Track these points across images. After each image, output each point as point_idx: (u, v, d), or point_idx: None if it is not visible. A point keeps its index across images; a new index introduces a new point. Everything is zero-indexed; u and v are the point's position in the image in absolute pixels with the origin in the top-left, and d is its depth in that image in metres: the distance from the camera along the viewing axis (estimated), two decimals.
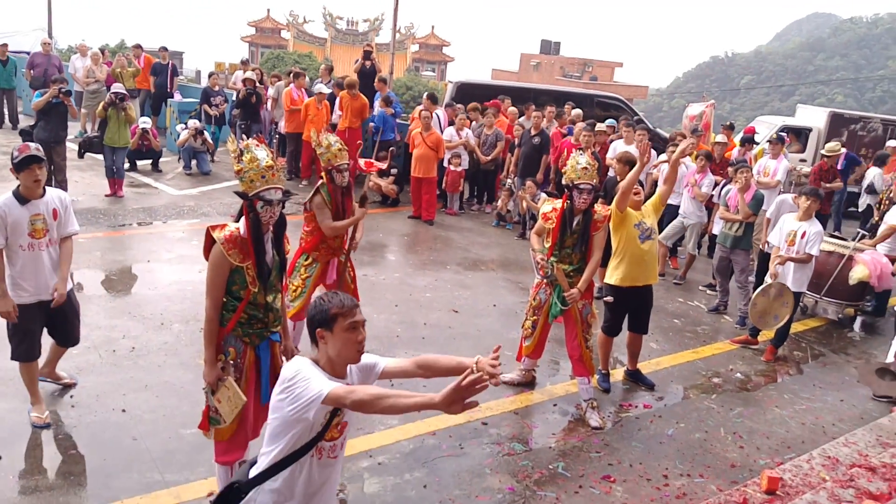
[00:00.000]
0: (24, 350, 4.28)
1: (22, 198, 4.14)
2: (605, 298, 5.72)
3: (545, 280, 5.20)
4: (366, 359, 2.68)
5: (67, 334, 4.60)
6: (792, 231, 6.34)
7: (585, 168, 4.94)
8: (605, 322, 5.69)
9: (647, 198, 6.45)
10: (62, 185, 9.08)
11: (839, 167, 10.57)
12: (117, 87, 10.03)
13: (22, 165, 4.08)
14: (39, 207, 4.18)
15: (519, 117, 11.52)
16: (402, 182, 11.22)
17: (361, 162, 5.91)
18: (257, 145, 3.51)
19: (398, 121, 12.00)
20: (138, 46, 14.68)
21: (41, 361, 4.54)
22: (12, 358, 4.32)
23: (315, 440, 2.51)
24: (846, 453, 4.14)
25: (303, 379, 2.38)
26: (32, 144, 4.22)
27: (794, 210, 6.75)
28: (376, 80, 12.52)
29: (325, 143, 5.16)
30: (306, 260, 5.36)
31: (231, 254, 3.36)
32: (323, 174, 5.25)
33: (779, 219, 6.77)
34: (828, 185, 9.65)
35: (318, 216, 5.14)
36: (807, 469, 3.94)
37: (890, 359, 5.24)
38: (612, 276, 5.54)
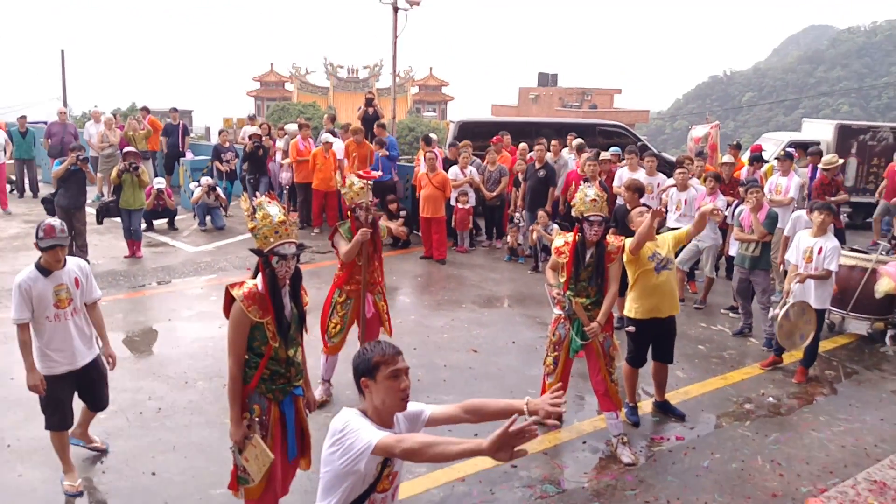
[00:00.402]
0: (57, 420, 4.32)
1: (44, 270, 4.22)
2: (626, 328, 5.65)
3: (563, 315, 5.14)
4: (412, 407, 2.68)
5: (97, 399, 4.64)
6: (808, 248, 6.26)
7: (594, 200, 4.91)
8: (628, 353, 5.60)
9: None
10: (83, 249, 9.25)
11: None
12: (128, 150, 10.23)
13: (47, 249, 4.17)
14: (62, 278, 4.27)
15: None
16: (412, 223, 11.27)
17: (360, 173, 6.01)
18: (269, 202, 3.54)
19: (399, 162, 12.14)
20: (144, 109, 14.98)
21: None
22: (46, 427, 4.35)
23: (368, 492, 2.51)
24: (893, 476, 4.01)
25: (352, 430, 2.38)
26: (57, 225, 4.24)
27: (810, 226, 6.68)
28: (374, 125, 12.66)
29: (349, 182, 5.48)
30: (340, 297, 5.58)
31: (251, 310, 3.38)
32: (349, 213, 5.52)
33: (795, 236, 6.69)
34: (832, 198, 9.24)
35: (339, 250, 5.37)
36: (853, 495, 3.82)
37: None
38: (632, 308, 5.46)
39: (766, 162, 11.21)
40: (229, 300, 3.46)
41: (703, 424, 5.54)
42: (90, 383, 4.51)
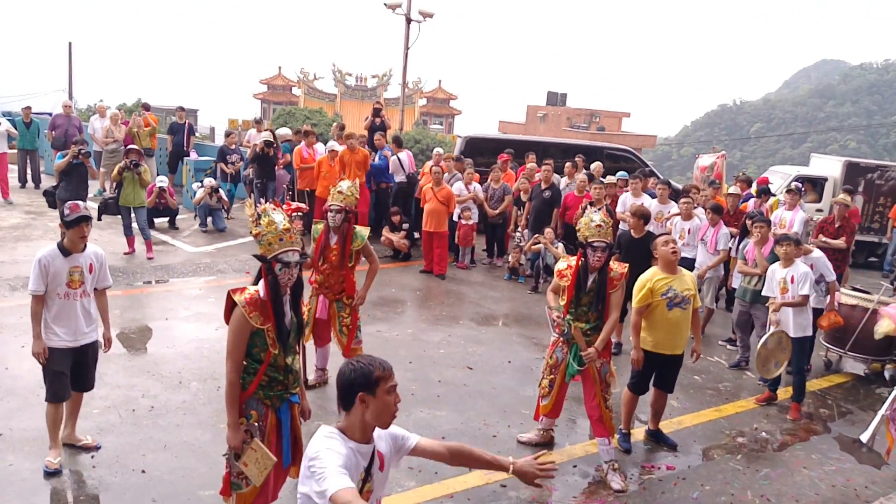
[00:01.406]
0: (55, 391, 4.59)
1: (65, 250, 4.51)
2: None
3: (561, 338, 5.12)
4: (396, 429, 2.65)
5: (86, 379, 4.83)
6: (781, 279, 6.34)
7: (599, 226, 4.90)
8: (631, 379, 5.55)
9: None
10: None
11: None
12: (131, 147, 10.29)
13: (73, 223, 4.45)
14: (79, 261, 4.56)
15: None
16: (413, 237, 11.27)
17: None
18: (274, 209, 3.55)
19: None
20: (144, 106, 15.00)
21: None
22: (46, 399, 4.60)
23: None
24: None
25: (320, 468, 2.33)
26: (82, 204, 4.59)
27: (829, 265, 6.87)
28: (376, 136, 12.69)
29: (338, 186, 5.76)
30: (310, 292, 5.80)
31: (252, 316, 3.40)
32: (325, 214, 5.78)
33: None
34: (828, 240, 8.78)
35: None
36: None
37: (866, 436, 5.03)
38: (643, 337, 5.37)
39: (773, 195, 11.18)
40: (230, 305, 3.47)
41: (695, 455, 5.51)
42: (84, 363, 4.72)
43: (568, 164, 11.41)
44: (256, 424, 3.53)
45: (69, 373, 4.63)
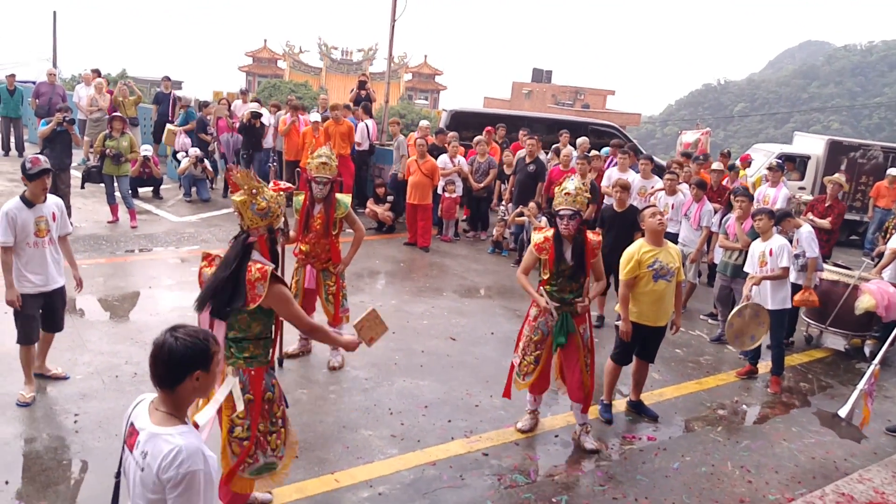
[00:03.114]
0: (26, 334, 4.93)
1: (28, 202, 4.82)
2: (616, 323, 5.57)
3: (552, 317, 4.99)
4: None
5: (56, 321, 5.20)
6: (760, 253, 6.39)
7: (569, 193, 4.79)
8: (615, 349, 5.57)
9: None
10: (67, 210, 9.11)
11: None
12: (115, 115, 10.21)
13: (35, 176, 4.78)
14: (43, 211, 4.89)
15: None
16: (398, 209, 11.22)
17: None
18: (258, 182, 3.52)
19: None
20: (95, 71, 14.62)
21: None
22: (17, 341, 4.94)
23: None
24: (861, 490, 4.05)
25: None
26: (42, 157, 4.92)
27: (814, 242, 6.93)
28: (361, 107, 12.61)
29: (315, 154, 5.70)
30: (295, 264, 5.93)
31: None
32: (307, 184, 5.73)
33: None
34: (815, 219, 8.86)
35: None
36: None
37: (844, 411, 5.11)
38: (630, 308, 5.36)
39: (738, 168, 11.25)
40: (268, 281, 3.30)
41: (676, 427, 5.57)
42: (54, 307, 5.09)
43: (563, 134, 11.30)
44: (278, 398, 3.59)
45: (39, 316, 5.00)
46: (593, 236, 4.94)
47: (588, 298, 4.93)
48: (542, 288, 4.96)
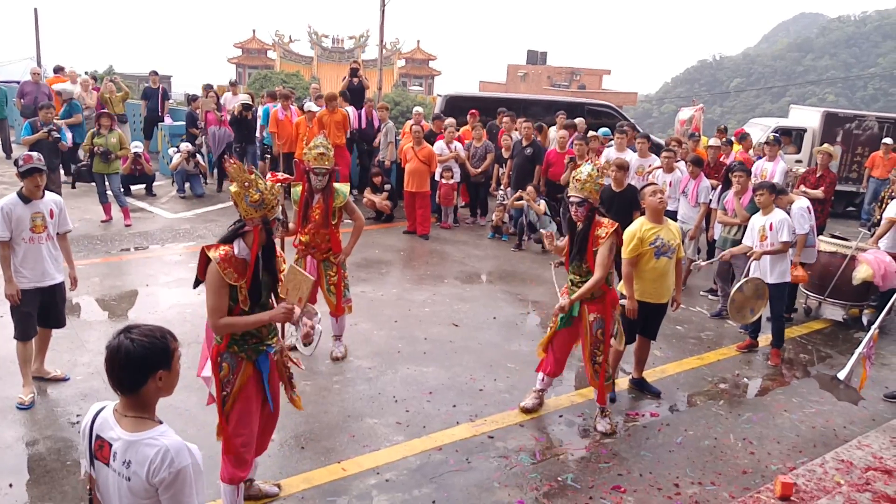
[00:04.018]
0: (23, 330, 4.96)
1: (25, 198, 4.89)
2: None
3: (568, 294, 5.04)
4: None
5: (58, 317, 5.24)
6: (760, 227, 6.40)
7: (578, 179, 4.79)
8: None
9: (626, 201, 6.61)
10: None
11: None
12: (103, 112, 10.20)
13: (26, 174, 4.85)
14: (39, 207, 4.94)
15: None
16: (396, 198, 11.22)
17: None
18: (251, 174, 3.52)
19: None
20: (55, 69, 14.51)
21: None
22: (14, 337, 4.96)
23: None
24: (860, 456, 4.09)
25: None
26: (35, 154, 5.00)
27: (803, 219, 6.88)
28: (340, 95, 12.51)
29: (312, 144, 5.63)
30: (296, 255, 5.87)
31: (227, 273, 3.38)
32: (305, 174, 5.70)
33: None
34: (808, 190, 8.90)
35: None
36: (820, 473, 3.89)
37: (843, 374, 5.14)
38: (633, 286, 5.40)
39: (732, 142, 11.19)
40: (205, 261, 3.45)
41: (679, 402, 5.60)
42: (53, 303, 5.11)
43: (560, 115, 11.28)
44: (231, 377, 3.55)
45: (36, 313, 5.01)
46: (601, 229, 4.79)
47: (571, 299, 4.84)
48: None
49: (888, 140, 12.71)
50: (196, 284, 3.56)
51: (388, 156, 11.50)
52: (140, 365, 2.10)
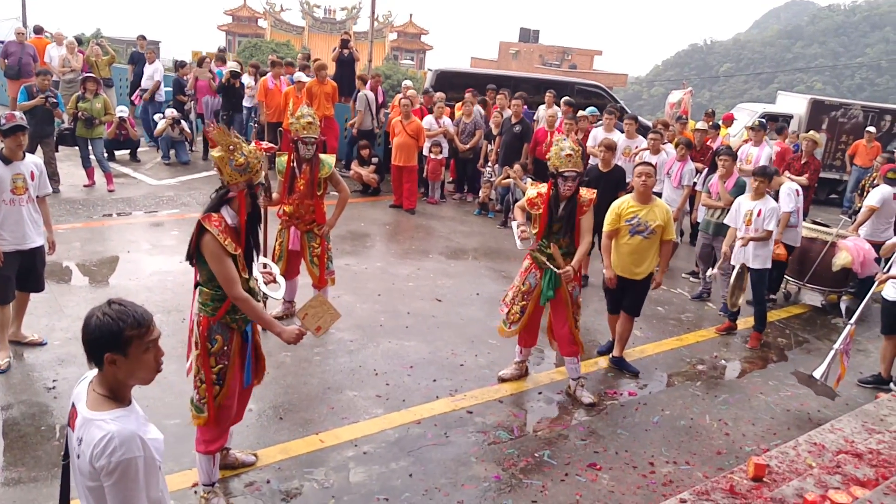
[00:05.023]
0: (1, 293, 4.88)
1: (5, 159, 4.81)
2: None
3: (535, 263, 5.12)
4: None
5: (37, 281, 5.18)
6: (748, 211, 6.43)
7: (570, 155, 4.85)
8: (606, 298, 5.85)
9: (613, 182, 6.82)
10: (52, 178, 8.97)
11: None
12: (88, 75, 10.03)
13: (9, 132, 4.76)
14: (20, 168, 4.86)
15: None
16: (383, 171, 11.15)
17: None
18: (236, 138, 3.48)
19: None
20: (36, 29, 14.20)
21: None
22: None
23: None
24: (832, 440, 4.15)
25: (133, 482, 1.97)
26: (18, 114, 4.90)
27: (789, 198, 6.95)
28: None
29: (299, 114, 5.58)
30: (279, 226, 5.90)
31: (227, 243, 3.35)
32: (291, 144, 5.64)
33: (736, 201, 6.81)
34: (792, 176, 8.81)
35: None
36: (793, 456, 3.95)
37: (819, 372, 5.22)
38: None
39: (722, 129, 11.23)
40: (201, 233, 3.37)
41: (656, 382, 5.67)
42: (32, 266, 5.07)
43: (549, 94, 11.23)
44: (225, 349, 3.52)
45: (15, 276, 4.95)
46: (586, 193, 5.00)
47: (571, 267, 4.93)
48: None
49: (871, 128, 12.79)
50: (189, 258, 3.48)
51: (357, 124, 11.41)
52: (90, 342, 2.03)
